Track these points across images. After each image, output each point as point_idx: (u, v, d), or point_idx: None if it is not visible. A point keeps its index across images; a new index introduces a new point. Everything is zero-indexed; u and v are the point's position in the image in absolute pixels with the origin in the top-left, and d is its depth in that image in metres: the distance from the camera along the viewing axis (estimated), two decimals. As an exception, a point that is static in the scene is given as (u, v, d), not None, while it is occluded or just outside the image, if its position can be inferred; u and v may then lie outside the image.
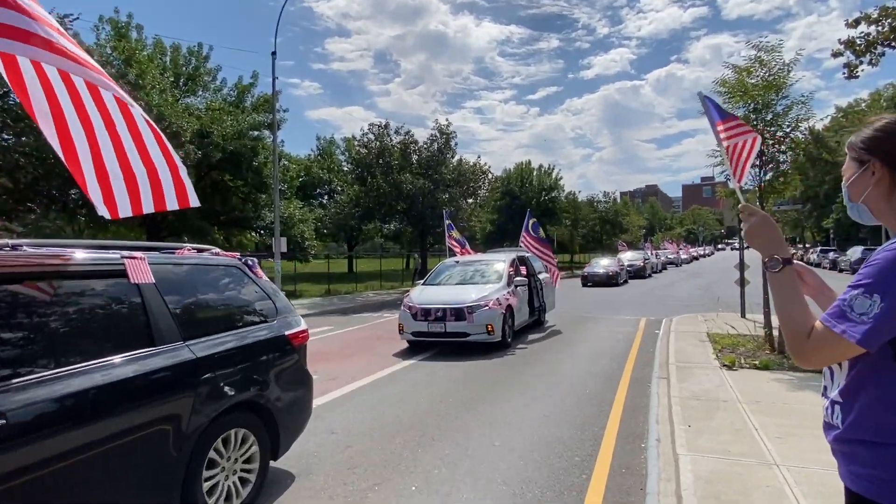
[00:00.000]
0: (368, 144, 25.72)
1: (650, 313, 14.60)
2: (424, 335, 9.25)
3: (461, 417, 5.69)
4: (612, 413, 5.73)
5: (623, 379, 7.24)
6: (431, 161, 25.62)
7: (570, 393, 6.55)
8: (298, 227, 25.52)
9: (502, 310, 9.32)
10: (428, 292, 9.94)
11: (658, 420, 5.10)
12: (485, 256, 12.21)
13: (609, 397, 6.33)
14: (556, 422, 5.46)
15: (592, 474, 4.19)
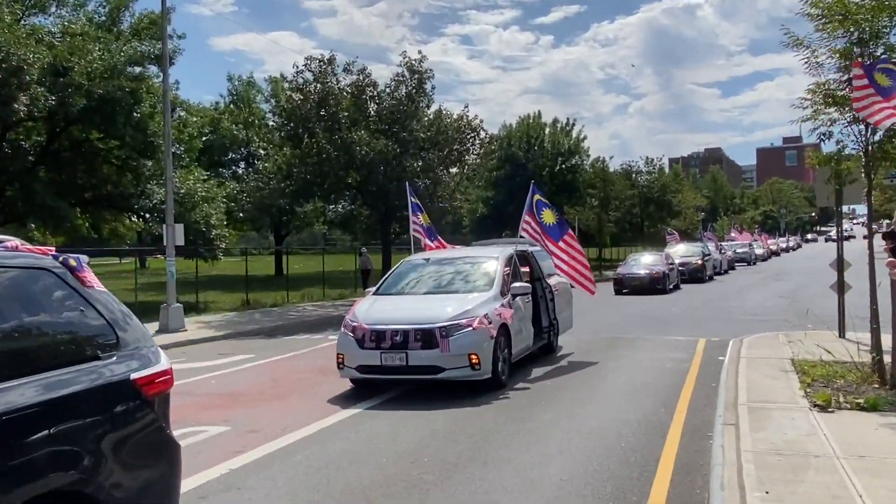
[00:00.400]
0: (305, 88, 25.52)
1: (711, 332, 14.85)
2: (375, 370, 8.94)
3: (442, 485, 5.71)
4: (658, 476, 5.81)
5: (673, 427, 7.35)
6: (397, 112, 25.56)
7: (598, 448, 6.63)
8: (202, 210, 25.25)
9: (493, 331, 9.06)
10: (382, 306, 9.73)
11: (723, 485, 5.18)
12: (468, 252, 12.03)
13: (653, 454, 6.42)
14: (578, 489, 5.52)
15: (630, 564, 4.25)
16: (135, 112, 22.79)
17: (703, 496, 5.29)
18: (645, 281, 26.25)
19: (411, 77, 26.29)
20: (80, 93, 21.03)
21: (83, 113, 21.67)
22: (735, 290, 27.42)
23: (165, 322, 16.84)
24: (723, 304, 21.88)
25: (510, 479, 5.80)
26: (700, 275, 31.94)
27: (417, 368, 8.77)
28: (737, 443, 6.20)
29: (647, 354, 12.19)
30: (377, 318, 9.20)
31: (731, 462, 5.67)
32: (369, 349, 8.90)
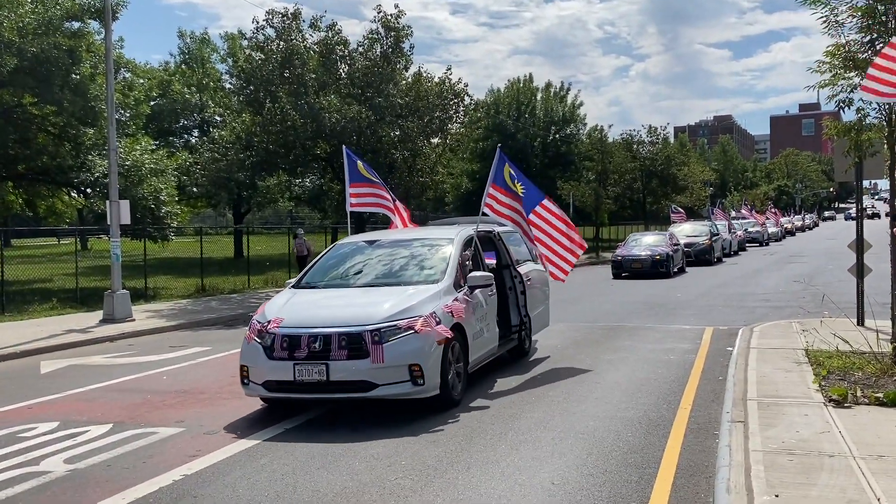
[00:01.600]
0: (266, 46, 25.23)
1: (719, 320, 15.04)
2: (287, 388, 7.79)
3: (421, 491, 5.75)
4: (660, 478, 5.90)
5: (676, 425, 7.45)
6: (371, 75, 25.34)
7: (594, 450, 6.70)
8: (150, 184, 25.01)
9: (443, 334, 8.01)
10: (300, 302, 8.67)
11: (729, 488, 5.26)
12: (420, 233, 11.00)
13: (654, 454, 6.51)
14: (571, 494, 5.59)
15: (627, 575, 4.31)
16: (73, 74, 22.52)
17: (707, 500, 5.38)
18: (646, 263, 26.42)
19: (387, 35, 26.07)
20: (11, 51, 20.71)
21: (14, 75, 21.35)
22: (746, 274, 27.71)
23: (111, 310, 16.70)
24: (732, 289, 22.11)
25: (497, 484, 5.85)
26: (708, 256, 32.24)
27: (341, 385, 7.61)
28: (745, 442, 6.29)
29: (649, 345, 12.31)
30: (292, 319, 8.02)
31: (739, 463, 5.75)
32: (280, 359, 7.71)
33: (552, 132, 60.24)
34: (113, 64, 18.98)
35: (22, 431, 7.85)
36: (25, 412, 8.85)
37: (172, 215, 27.00)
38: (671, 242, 28.41)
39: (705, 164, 79.76)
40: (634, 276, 26.26)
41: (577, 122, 61.45)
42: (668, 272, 26.47)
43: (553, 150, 58.76)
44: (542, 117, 59.38)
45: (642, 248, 27.46)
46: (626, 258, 27.17)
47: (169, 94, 44.02)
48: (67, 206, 34.57)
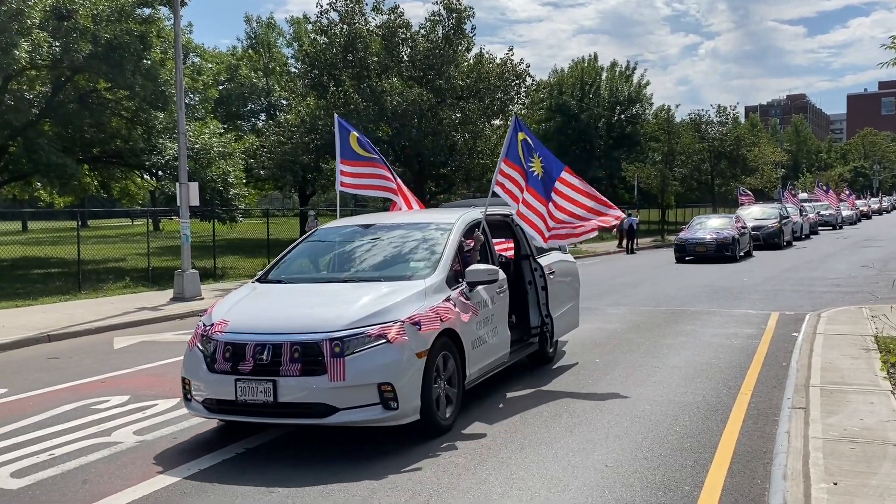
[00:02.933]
0: (330, 30, 25.55)
1: (786, 305, 14.69)
2: (229, 410, 6.32)
3: (475, 469, 5.82)
4: (716, 463, 5.84)
5: (735, 411, 7.34)
6: (433, 57, 25.45)
7: (649, 433, 6.67)
8: (218, 167, 25.64)
9: (425, 342, 6.40)
10: (256, 300, 7.27)
11: (786, 475, 5.19)
12: (415, 217, 9.31)
13: (711, 439, 6.44)
14: (624, 477, 5.59)
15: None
16: (144, 59, 23.16)
17: (763, 486, 5.31)
18: (711, 247, 25.78)
19: (449, 16, 26.11)
20: (86, 38, 21.42)
21: (89, 60, 22.08)
22: (816, 258, 26.89)
23: (181, 289, 17.26)
24: (801, 273, 21.51)
25: (550, 465, 5.89)
26: (777, 240, 31.49)
27: (292, 408, 6.07)
28: (805, 429, 6.18)
29: (712, 330, 12.11)
30: (238, 323, 6.53)
31: (797, 450, 5.66)
32: (221, 373, 6.23)
33: (617, 112, 59.41)
34: (182, 49, 19.48)
35: (95, 404, 8.21)
36: (99, 385, 9.25)
37: (240, 197, 27.64)
38: (738, 225, 27.62)
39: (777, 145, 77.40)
40: (698, 260, 25.68)
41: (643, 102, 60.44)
42: (734, 256, 25.78)
43: (618, 131, 57.98)
44: (606, 97, 58.55)
45: (707, 231, 26.75)
46: (689, 241, 26.48)
47: (236, 78, 44.88)
48: (140, 188, 35.65)
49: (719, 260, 25.39)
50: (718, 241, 25.82)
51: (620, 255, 32.31)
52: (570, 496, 5.24)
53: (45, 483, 5.73)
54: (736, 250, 26.01)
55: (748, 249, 28.15)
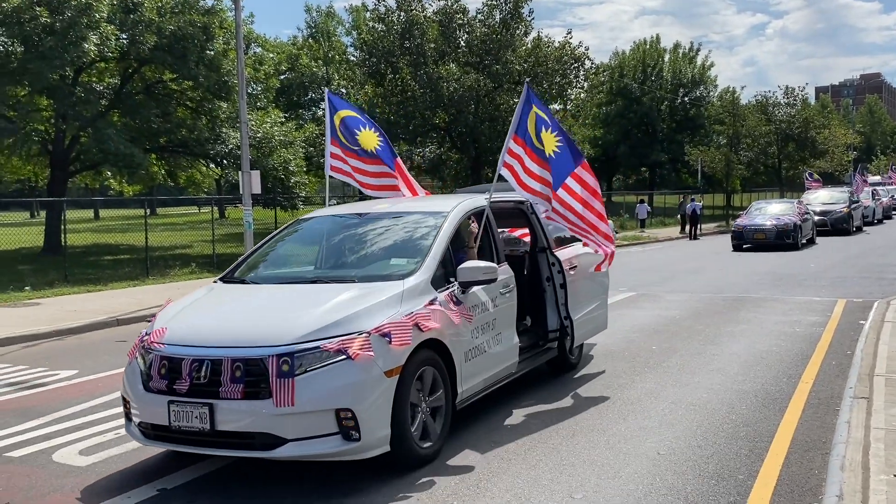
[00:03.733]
0: (387, 18, 25.67)
1: (853, 292, 14.28)
2: (164, 437, 5.33)
3: (525, 455, 5.86)
4: (772, 453, 5.74)
5: (795, 400, 7.19)
6: (490, 42, 25.36)
7: (704, 422, 6.59)
8: (280, 155, 26.09)
9: (396, 359, 5.27)
10: (206, 303, 6.25)
11: (844, 465, 5.07)
12: (412, 205, 7.87)
13: (768, 429, 6.33)
14: (677, 465, 5.54)
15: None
16: (207, 50, 23.67)
17: (821, 477, 5.20)
18: (770, 234, 24.80)
19: (506, 1, 25.90)
20: (151, 30, 21.99)
21: (154, 52, 22.67)
22: (888, 244, 26.01)
23: (243, 275, 17.61)
24: (870, 259, 20.83)
25: (600, 450, 5.89)
26: (846, 225, 30.54)
27: (232, 437, 5.08)
28: (866, 419, 6.02)
29: (775, 317, 11.85)
30: (178, 332, 5.52)
31: (857, 440, 5.53)
32: (157, 392, 5.28)
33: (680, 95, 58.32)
34: (243, 39, 19.84)
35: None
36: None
37: (301, 185, 28.06)
38: (799, 212, 26.57)
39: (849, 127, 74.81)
40: (757, 249, 24.78)
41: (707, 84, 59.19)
42: (796, 244, 24.75)
43: (681, 114, 56.93)
44: (669, 80, 57.50)
45: (766, 218, 25.71)
46: (747, 228, 25.46)
47: (297, 67, 45.48)
48: (205, 176, 36.49)
49: (779, 248, 24.51)
50: (779, 228, 24.86)
51: (683, 241, 31.77)
52: (621, 483, 5.23)
53: (112, 461, 5.98)
54: (798, 237, 25.02)
55: (811, 236, 27.16)
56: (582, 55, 26.46)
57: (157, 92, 26.41)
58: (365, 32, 28.05)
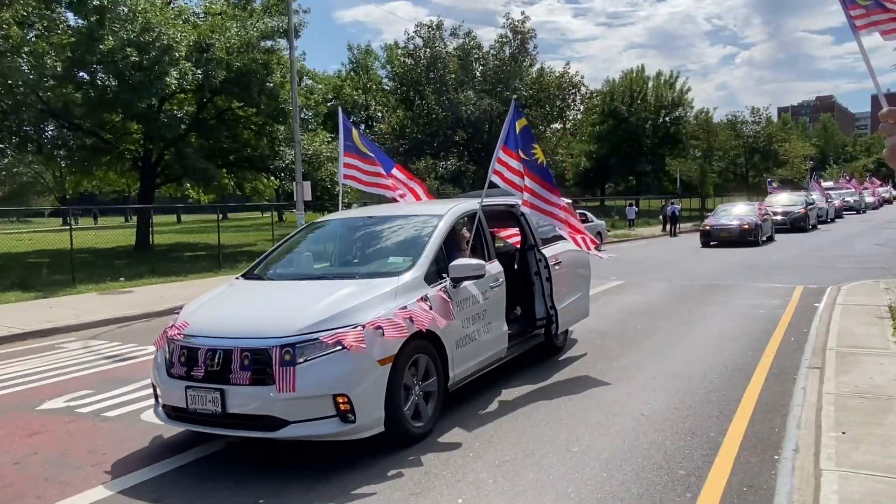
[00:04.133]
0: (415, 53, 25.63)
1: (810, 279, 14.03)
2: (183, 418, 5.11)
3: (529, 416, 5.83)
4: (738, 414, 5.67)
5: (759, 370, 7.08)
6: (501, 72, 25.25)
7: (681, 388, 6.51)
8: (327, 168, 26.19)
9: (389, 349, 4.97)
10: (225, 299, 5.97)
11: (800, 424, 5.00)
12: (408, 209, 7.49)
13: (736, 394, 6.25)
14: (658, 424, 5.49)
15: (701, 493, 4.23)
16: (267, 82, 23.78)
17: (780, 434, 5.13)
18: (734, 233, 23.70)
19: (514, 37, 25.81)
20: (221, 66, 22.14)
21: (224, 84, 22.84)
22: (840, 239, 25.49)
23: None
24: (826, 252, 20.45)
25: (593, 411, 5.84)
26: (803, 224, 29.75)
27: (240, 420, 4.83)
28: (819, 385, 5.93)
29: (742, 301, 11.67)
30: (197, 324, 5.28)
31: (812, 403, 5.45)
32: (177, 378, 5.09)
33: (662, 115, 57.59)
34: (296, 73, 19.93)
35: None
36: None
37: (345, 193, 28.12)
38: (760, 213, 25.35)
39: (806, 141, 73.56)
40: (723, 245, 24.00)
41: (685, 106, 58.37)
42: (756, 241, 23.65)
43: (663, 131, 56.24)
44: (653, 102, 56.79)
45: (731, 218, 24.60)
46: (714, 227, 24.31)
47: (341, 96, 45.61)
48: (266, 186, 36.70)
49: (743, 245, 23.62)
50: (742, 228, 23.72)
51: (664, 239, 31.40)
52: (610, 439, 5.19)
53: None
54: (759, 235, 23.94)
55: (770, 235, 26.11)
56: (578, 82, 26.29)
57: (227, 118, 26.60)
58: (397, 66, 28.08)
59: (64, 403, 6.71)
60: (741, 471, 4.52)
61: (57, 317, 11.63)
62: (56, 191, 60.17)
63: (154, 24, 20.13)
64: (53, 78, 19.98)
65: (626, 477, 4.49)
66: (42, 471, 4.96)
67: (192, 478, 4.77)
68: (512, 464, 4.77)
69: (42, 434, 5.79)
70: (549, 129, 27.01)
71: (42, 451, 5.37)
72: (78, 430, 5.87)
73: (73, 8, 20.65)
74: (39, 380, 7.72)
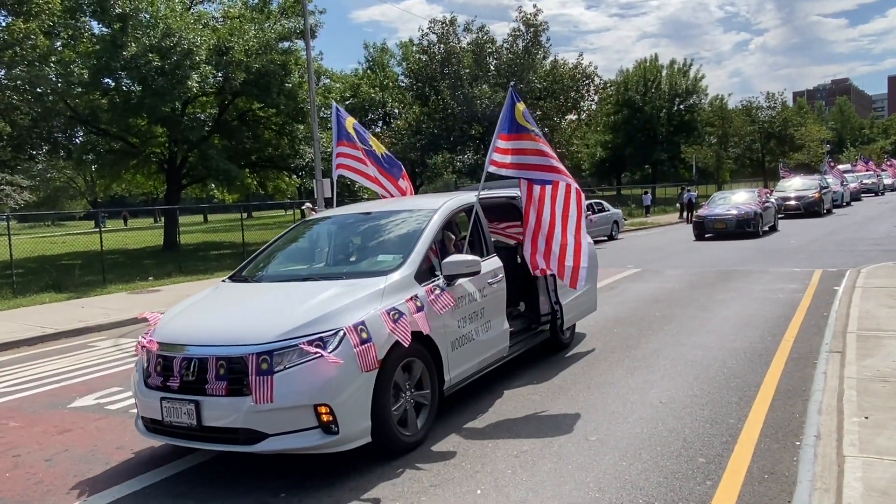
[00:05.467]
0: (430, 49, 25.49)
1: (829, 263, 13.72)
2: (160, 430, 4.71)
3: (547, 405, 5.74)
4: (758, 400, 5.53)
5: (778, 355, 6.92)
6: (514, 66, 25.01)
7: (700, 375, 6.38)
8: (346, 165, 26.11)
9: (373, 356, 4.46)
10: (206, 302, 5.52)
11: (821, 410, 4.85)
12: (404, 203, 6.79)
13: (755, 380, 6.10)
14: (676, 412, 5.37)
15: (721, 480, 4.12)
16: (286, 83, 23.83)
17: (801, 420, 4.98)
18: (731, 223, 20.88)
19: (527, 30, 25.54)
20: (240, 68, 22.21)
21: (244, 86, 22.93)
22: (857, 222, 24.90)
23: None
24: (844, 235, 19.98)
25: (611, 399, 5.74)
26: (817, 208, 28.45)
27: (217, 433, 4.42)
28: (840, 370, 5.75)
29: (760, 286, 11.43)
30: (173, 330, 4.91)
31: (833, 388, 5.28)
32: (154, 388, 4.70)
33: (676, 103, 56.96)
34: (313, 73, 19.93)
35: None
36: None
37: (363, 189, 28.15)
38: (761, 200, 22.22)
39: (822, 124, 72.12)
40: (718, 238, 20.86)
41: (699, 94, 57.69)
42: (757, 232, 20.73)
43: (677, 119, 55.60)
44: (667, 91, 56.18)
45: (728, 207, 21.71)
46: (708, 218, 21.36)
47: (359, 94, 45.55)
48: (288, 185, 36.93)
49: (740, 236, 20.68)
50: (739, 218, 20.88)
51: (681, 225, 30.99)
52: (629, 427, 5.09)
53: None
54: (758, 226, 20.91)
55: (773, 224, 22.88)
56: (592, 73, 25.96)
57: (248, 119, 26.73)
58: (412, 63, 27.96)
59: (94, 401, 6.76)
60: (762, 458, 4.39)
61: (88, 316, 11.77)
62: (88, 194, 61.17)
63: (174, 29, 20.23)
64: (81, 85, 20.19)
65: (645, 465, 4.39)
66: (72, 467, 4.99)
67: (217, 472, 4.76)
68: (530, 454, 4.69)
69: (73, 431, 5.84)
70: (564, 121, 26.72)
71: (72, 448, 5.41)
72: (107, 426, 5.91)
73: (97, 16, 20.82)
74: (71, 378, 7.80)
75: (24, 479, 4.82)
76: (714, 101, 54.96)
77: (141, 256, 23.80)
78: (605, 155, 57.76)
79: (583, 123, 30.62)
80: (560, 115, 25.77)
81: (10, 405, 6.84)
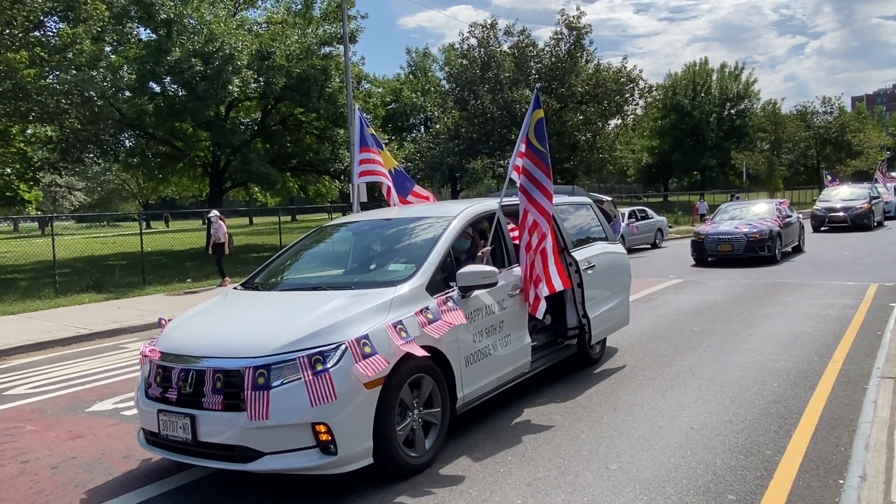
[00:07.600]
0: (470, 53, 25.28)
1: (886, 277, 12.92)
2: (159, 443, 4.51)
3: (568, 427, 5.41)
4: (800, 429, 5.08)
5: (825, 378, 6.41)
6: (557, 70, 24.55)
7: (737, 398, 5.93)
8: (383, 170, 26.10)
9: (374, 369, 4.18)
10: (211, 312, 5.30)
11: (868, 445, 4.38)
12: (425, 210, 6.47)
13: (798, 405, 5.63)
14: (708, 440, 4.97)
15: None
16: (326, 87, 23.95)
17: (846, 454, 4.53)
18: (739, 245, 16.18)
19: (570, 34, 25.09)
20: (282, 73, 22.41)
21: (284, 91, 23.13)
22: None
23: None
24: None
25: (637, 424, 5.36)
26: (866, 221, 25.18)
27: (212, 449, 4.20)
28: (893, 399, 5.25)
29: (809, 300, 10.79)
30: (175, 340, 4.72)
31: (883, 420, 4.79)
32: (153, 399, 4.53)
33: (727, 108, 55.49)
34: (355, 77, 19.94)
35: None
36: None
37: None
38: (781, 215, 17.36)
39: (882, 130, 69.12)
40: (721, 263, 16.41)
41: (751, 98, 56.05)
42: (773, 256, 16.16)
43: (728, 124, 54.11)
44: (717, 95, 54.76)
45: (737, 223, 16.88)
46: (709, 237, 16.58)
47: (401, 99, 45.71)
48: (328, 188, 37.26)
49: (751, 262, 16.12)
50: (750, 237, 16.13)
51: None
52: (654, 455, 4.71)
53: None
54: (775, 247, 16.27)
55: (798, 244, 18.37)
56: (636, 77, 25.31)
57: (290, 123, 26.99)
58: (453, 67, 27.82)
59: (112, 406, 6.72)
60: (799, 498, 3.98)
61: (123, 317, 11.90)
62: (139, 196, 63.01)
63: (217, 34, 20.53)
64: (129, 89, 20.67)
65: (669, 501, 4.03)
66: (75, 476, 4.90)
67: (218, 486, 4.60)
68: (544, 482, 4.37)
69: (84, 437, 5.78)
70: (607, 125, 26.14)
71: (80, 455, 5.33)
72: (118, 433, 5.83)
73: (143, 22, 21.31)
74: (96, 380, 7.82)
75: (27, 488, 4.75)
76: (767, 106, 53.28)
77: (184, 258, 24.22)
78: (651, 160, 56.55)
79: (628, 128, 29.93)
80: (603, 119, 25.19)
81: (31, 407, 6.86)
